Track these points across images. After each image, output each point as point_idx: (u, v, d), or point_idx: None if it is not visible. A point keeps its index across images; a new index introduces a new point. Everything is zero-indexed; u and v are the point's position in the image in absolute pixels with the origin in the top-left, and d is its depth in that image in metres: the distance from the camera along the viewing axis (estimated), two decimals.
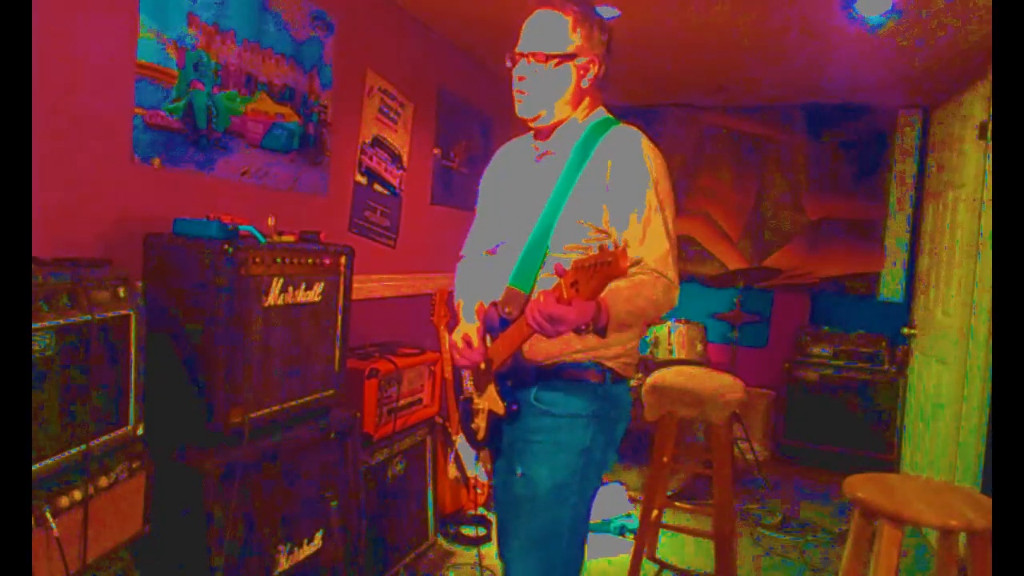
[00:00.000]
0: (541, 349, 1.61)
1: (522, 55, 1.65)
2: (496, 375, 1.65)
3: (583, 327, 1.40)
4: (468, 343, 1.66)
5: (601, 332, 1.44)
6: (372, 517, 2.56)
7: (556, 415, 1.63)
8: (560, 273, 1.33)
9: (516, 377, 1.64)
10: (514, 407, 1.63)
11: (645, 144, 1.64)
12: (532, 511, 1.63)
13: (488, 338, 1.67)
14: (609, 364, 1.65)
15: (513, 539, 1.68)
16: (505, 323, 1.61)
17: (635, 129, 1.67)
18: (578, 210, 1.60)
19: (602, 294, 1.36)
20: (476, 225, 1.93)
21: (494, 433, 1.71)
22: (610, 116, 1.74)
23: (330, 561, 2.15)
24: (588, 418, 1.63)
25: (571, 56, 1.63)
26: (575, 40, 1.63)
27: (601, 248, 1.28)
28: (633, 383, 4.21)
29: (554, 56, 1.62)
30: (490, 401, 1.67)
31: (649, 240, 1.56)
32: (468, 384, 1.77)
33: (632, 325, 1.57)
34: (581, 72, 1.65)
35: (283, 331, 1.94)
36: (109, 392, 1.47)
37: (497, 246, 1.79)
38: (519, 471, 1.65)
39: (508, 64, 1.68)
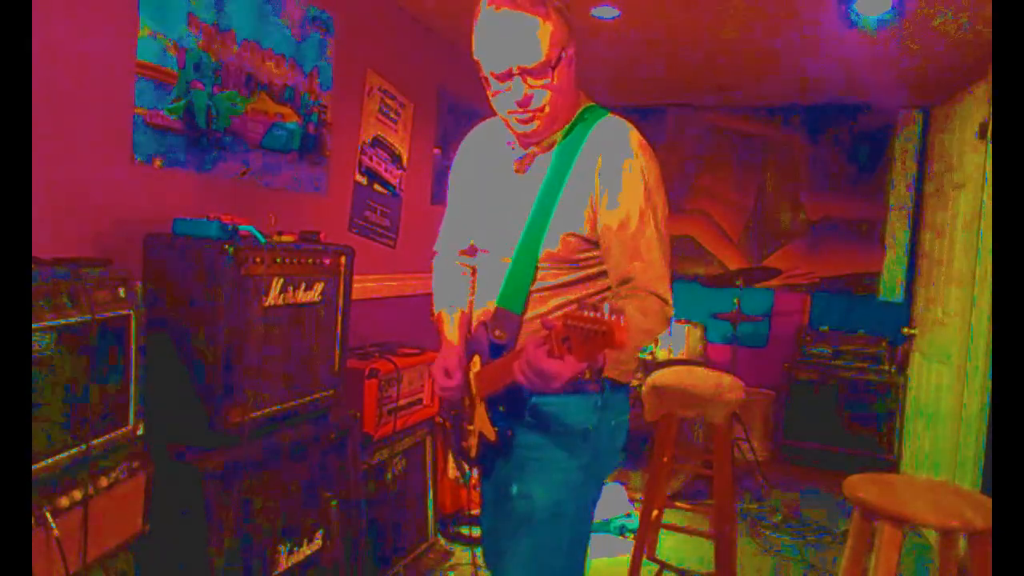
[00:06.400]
0: None
1: (512, 73, 1.39)
2: (487, 400, 1.54)
3: (579, 378, 1.26)
4: (449, 375, 1.56)
5: (598, 374, 1.34)
6: (372, 517, 2.56)
7: (553, 431, 1.50)
8: (548, 326, 1.19)
9: (509, 403, 1.51)
10: (508, 433, 1.51)
11: (636, 147, 1.46)
12: (529, 530, 1.51)
13: (478, 360, 1.57)
14: (607, 373, 1.47)
15: (510, 558, 1.56)
16: (495, 346, 1.51)
17: (624, 123, 1.50)
18: (567, 222, 1.46)
19: None
20: (448, 220, 1.78)
21: (487, 455, 1.59)
22: (593, 104, 1.55)
23: (330, 561, 2.15)
24: (587, 432, 1.50)
25: (564, 54, 1.41)
26: (560, 33, 1.39)
27: (595, 308, 1.11)
28: (633, 383, 4.21)
29: (548, 63, 1.38)
30: (481, 424, 1.55)
31: (642, 255, 1.43)
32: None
33: (631, 358, 1.50)
34: (571, 63, 1.46)
35: (283, 331, 1.94)
36: (109, 392, 1.47)
37: (478, 250, 1.68)
38: (515, 490, 1.53)
39: (497, 86, 1.43)
